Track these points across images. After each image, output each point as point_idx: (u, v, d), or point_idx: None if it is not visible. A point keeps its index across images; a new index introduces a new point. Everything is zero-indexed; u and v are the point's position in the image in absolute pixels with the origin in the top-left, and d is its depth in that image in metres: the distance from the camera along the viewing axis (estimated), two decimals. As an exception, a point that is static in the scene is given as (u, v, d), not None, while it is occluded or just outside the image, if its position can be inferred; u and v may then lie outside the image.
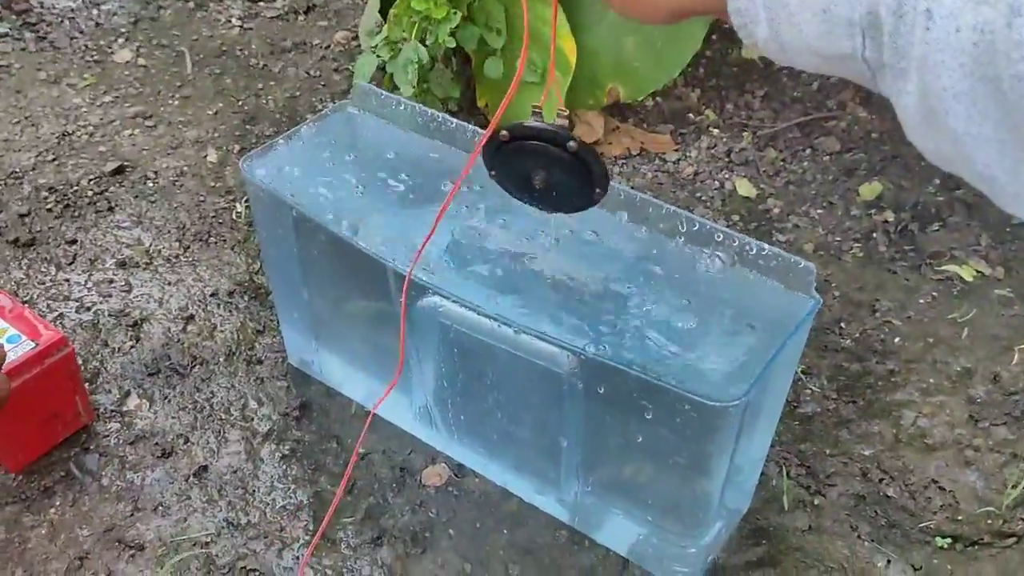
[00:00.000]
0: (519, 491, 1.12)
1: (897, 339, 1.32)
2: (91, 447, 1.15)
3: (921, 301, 1.38)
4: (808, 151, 1.66)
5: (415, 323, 1.05)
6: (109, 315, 1.32)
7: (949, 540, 1.07)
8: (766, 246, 0.95)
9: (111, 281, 1.38)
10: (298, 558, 1.05)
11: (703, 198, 1.57)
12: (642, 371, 0.88)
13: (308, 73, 1.84)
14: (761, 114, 1.74)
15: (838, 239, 1.49)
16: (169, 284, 1.38)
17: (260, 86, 1.80)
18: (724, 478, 0.93)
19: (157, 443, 1.16)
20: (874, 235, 1.50)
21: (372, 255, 0.99)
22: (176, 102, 1.76)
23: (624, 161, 1.64)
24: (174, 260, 1.42)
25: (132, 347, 1.28)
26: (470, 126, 1.10)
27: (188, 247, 1.44)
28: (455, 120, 1.11)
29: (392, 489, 1.12)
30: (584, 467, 1.04)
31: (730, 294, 0.97)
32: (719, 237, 0.97)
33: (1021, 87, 0.37)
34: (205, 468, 1.14)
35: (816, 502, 1.12)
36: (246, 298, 1.36)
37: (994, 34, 0.38)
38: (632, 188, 1.13)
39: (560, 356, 0.95)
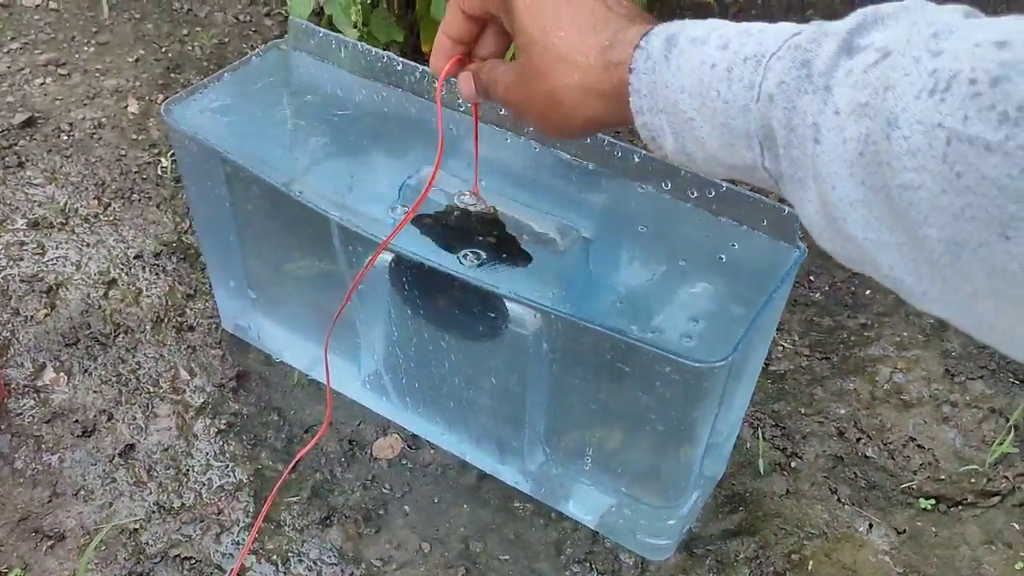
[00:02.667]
0: (479, 462, 1.04)
1: (868, 291, 1.26)
2: (2, 427, 1.04)
3: (890, 252, 1.32)
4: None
5: (362, 284, 0.96)
6: (20, 281, 1.20)
7: (932, 501, 1.02)
8: (745, 191, 0.87)
9: (22, 243, 1.25)
10: (238, 543, 0.96)
11: None
12: (617, 330, 0.80)
13: (237, 18, 1.71)
14: (719, 59, 1.66)
15: (803, 189, 1.43)
16: (88, 246, 1.26)
17: (185, 32, 1.67)
18: (705, 445, 0.86)
19: (77, 421, 1.05)
20: None
21: (314, 208, 0.89)
22: (92, 49, 1.62)
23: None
24: (93, 220, 1.30)
25: (47, 315, 1.16)
26: (419, 66, 1.00)
27: (108, 205, 1.32)
28: (402, 60, 1.01)
29: (341, 464, 1.03)
30: (549, 435, 0.96)
31: (708, 244, 0.90)
32: (693, 183, 0.89)
33: (907, 196, 0.37)
34: (132, 447, 1.03)
35: (793, 464, 1.06)
36: (174, 260, 1.25)
37: (876, 145, 0.39)
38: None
39: (524, 315, 0.87)
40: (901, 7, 0.43)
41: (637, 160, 0.91)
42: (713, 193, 0.88)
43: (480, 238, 0.87)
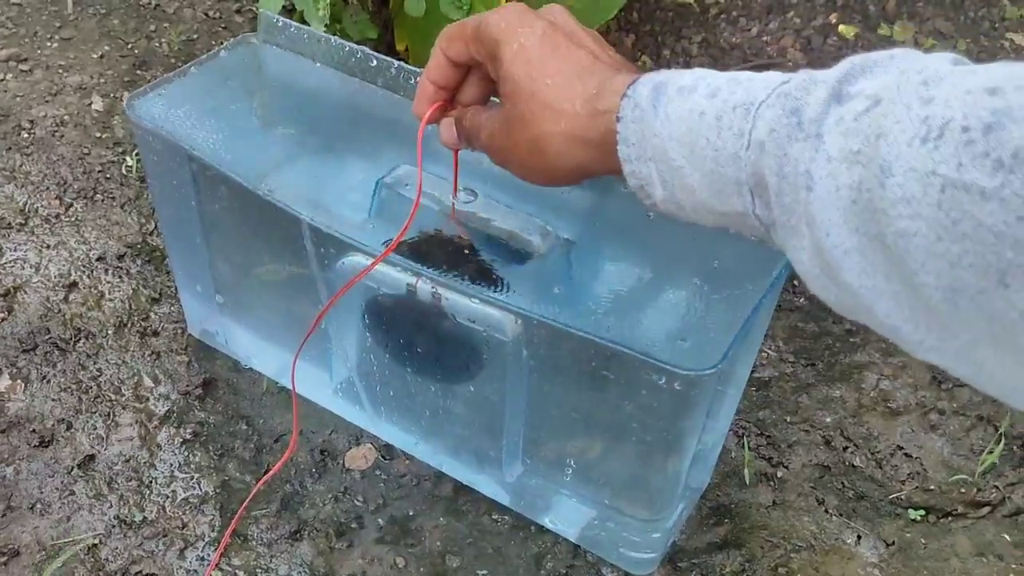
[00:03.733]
0: (456, 473, 1.00)
1: (852, 297, 1.23)
2: (-45, 437, 0.99)
3: (874, 256, 1.30)
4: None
5: (334, 287, 0.92)
6: (-24, 283, 1.15)
7: (921, 512, 1.00)
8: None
9: (-21, 245, 1.21)
10: (204, 559, 0.91)
11: None
12: (601, 336, 0.77)
13: (206, 14, 1.67)
14: (699, 60, 1.64)
15: (785, 192, 1.41)
16: (48, 247, 1.21)
17: (152, 28, 1.62)
18: (693, 455, 0.83)
19: (34, 430, 1.00)
20: None
21: (284, 207, 0.85)
22: (55, 44, 1.57)
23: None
24: (53, 220, 1.25)
25: (3, 320, 1.11)
26: (394, 62, 0.96)
27: (70, 206, 1.28)
28: (377, 55, 0.97)
29: (312, 475, 0.99)
30: (529, 445, 0.93)
31: (695, 249, 0.87)
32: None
33: (903, 243, 0.37)
34: (92, 458, 0.99)
35: (779, 474, 1.03)
36: (139, 262, 1.20)
37: (871, 192, 0.39)
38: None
39: (503, 321, 0.83)
40: (888, 55, 0.43)
41: None
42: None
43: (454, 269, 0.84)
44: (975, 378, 0.39)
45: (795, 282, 1.25)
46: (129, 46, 1.57)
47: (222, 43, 1.58)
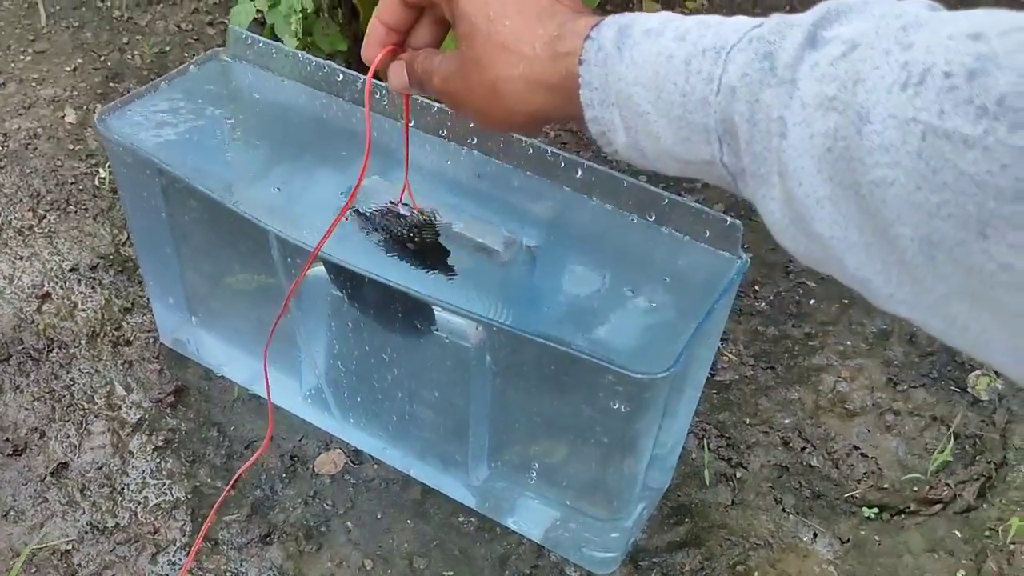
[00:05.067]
0: (423, 477, 1.02)
1: (812, 301, 1.27)
2: (-71, 446, 1.01)
3: (834, 262, 1.33)
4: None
5: (302, 296, 0.94)
6: (-50, 295, 1.17)
7: (876, 510, 1.03)
8: (687, 200, 0.87)
9: (-48, 256, 1.22)
10: (175, 563, 0.93)
11: (608, 159, 1.49)
12: (558, 342, 0.79)
13: (179, 27, 1.68)
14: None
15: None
16: (21, 259, 1.23)
17: (125, 40, 1.64)
18: (649, 456, 0.85)
19: (8, 439, 1.02)
20: None
21: (251, 219, 0.87)
22: (28, 57, 1.58)
23: (525, 120, 1.54)
24: (27, 232, 1.27)
25: (-23, 330, 1.13)
26: (360, 76, 0.98)
27: (43, 217, 1.29)
28: (343, 70, 0.99)
29: (282, 480, 1.01)
30: (493, 449, 0.95)
31: (649, 254, 0.89)
32: (633, 191, 0.88)
33: (879, 192, 0.36)
34: (65, 465, 1.00)
35: (738, 475, 1.06)
36: (111, 273, 1.22)
37: (847, 140, 0.37)
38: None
39: (466, 328, 0.86)
40: (863, 0, 0.41)
41: (580, 174, 0.91)
42: (657, 205, 0.87)
43: (412, 243, 0.86)
44: (946, 332, 0.38)
45: (756, 287, 1.28)
46: (102, 59, 1.59)
47: (194, 55, 1.60)
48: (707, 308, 0.81)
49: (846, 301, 1.27)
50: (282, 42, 1.37)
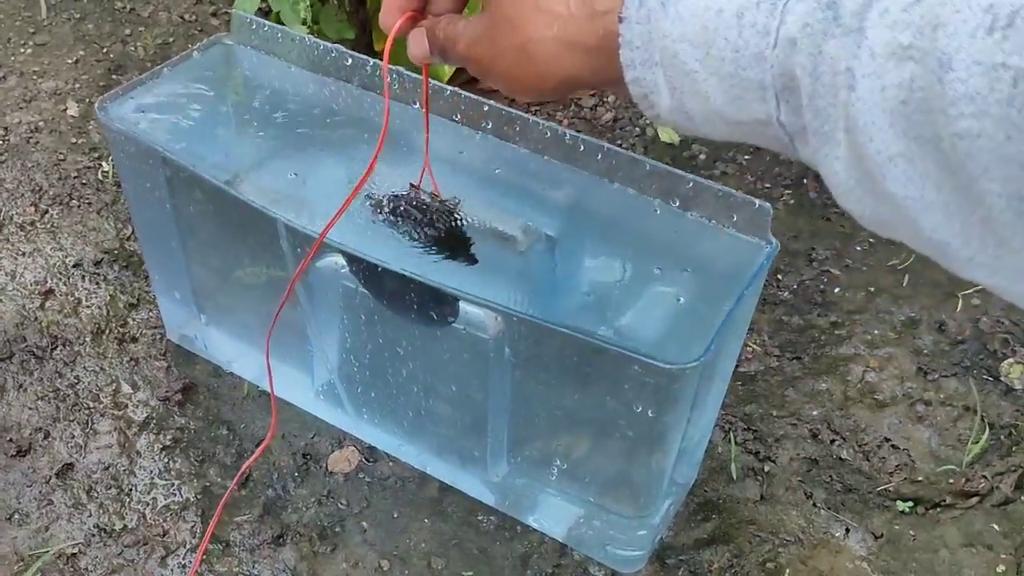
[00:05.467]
0: (440, 474, 0.99)
1: (837, 289, 1.23)
2: (-70, 448, 0.98)
3: (858, 248, 1.30)
4: (731, 94, 1.56)
5: (313, 288, 0.91)
6: (-49, 292, 1.14)
7: (910, 504, 0.99)
8: (713, 184, 0.84)
9: (-47, 253, 1.19)
10: (185, 566, 0.90)
11: (624, 146, 1.45)
12: (584, 332, 0.75)
13: (182, 17, 1.65)
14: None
15: (768, 186, 1.40)
16: (23, 255, 1.19)
17: (127, 32, 1.60)
18: (677, 450, 0.82)
19: (11, 440, 0.99)
20: (804, 181, 1.41)
21: (260, 208, 0.84)
22: (29, 50, 1.55)
23: (537, 108, 1.51)
24: (29, 227, 1.24)
25: (-21, 328, 1.10)
26: (370, 60, 0.95)
27: (46, 212, 1.26)
28: (352, 54, 0.96)
29: (294, 479, 0.98)
30: (513, 444, 0.92)
31: (674, 240, 0.86)
32: (656, 175, 0.85)
33: (963, 145, 0.34)
34: (70, 466, 0.97)
35: (766, 469, 1.02)
36: (116, 268, 1.19)
37: (924, 91, 0.35)
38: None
39: (485, 318, 0.82)
40: None
41: (600, 157, 0.87)
42: (681, 189, 0.84)
43: (431, 228, 0.82)
44: None
45: (779, 276, 1.24)
46: (104, 50, 1.56)
47: (198, 46, 1.57)
48: (737, 294, 0.78)
49: (872, 289, 1.23)
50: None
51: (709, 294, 0.82)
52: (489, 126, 0.92)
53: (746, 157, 1.45)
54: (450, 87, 0.91)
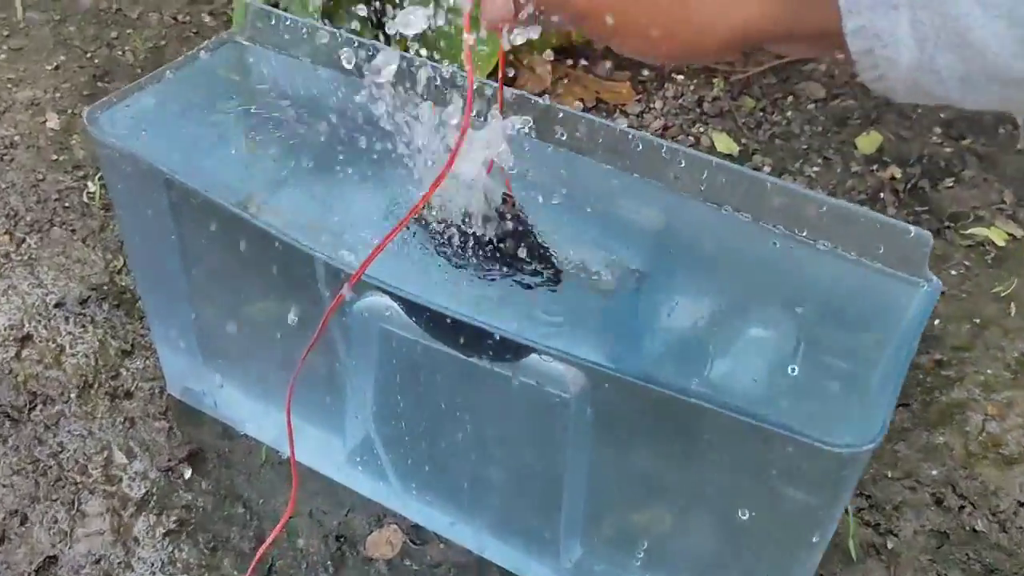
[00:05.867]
0: (501, 559, 0.86)
1: (937, 321, 1.09)
2: None
3: (953, 272, 1.16)
4: (790, 99, 1.44)
5: (348, 334, 0.79)
6: (-91, 339, 1.01)
7: (1066, 586, 0.84)
8: (854, 207, 0.70)
9: (-87, 291, 1.07)
10: None
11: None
12: (707, 399, 0.61)
13: (175, 18, 1.56)
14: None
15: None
16: (-5, 292, 1.08)
17: (114, 35, 1.51)
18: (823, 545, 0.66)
19: (-20, 525, 0.83)
20: (881, 195, 1.28)
21: (282, 239, 0.71)
22: (3, 55, 1.46)
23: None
24: (2, 260, 1.12)
25: (-59, 384, 0.95)
26: (418, 59, 0.80)
27: (22, 241, 1.14)
28: (380, 44, 0.84)
29: (325, 568, 0.83)
30: (591, 524, 0.79)
31: (794, 275, 0.74)
32: (777, 195, 0.72)
33: None
34: (53, 559, 0.84)
35: (889, 545, 0.87)
36: (105, 307, 1.07)
37: None
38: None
39: (564, 375, 0.69)
40: None
41: (706, 175, 0.74)
42: (809, 213, 0.70)
43: (499, 252, 0.71)
44: None
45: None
46: (88, 55, 1.47)
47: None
48: (903, 352, 0.63)
49: (977, 321, 1.09)
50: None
51: (852, 350, 0.68)
52: (563, 136, 0.79)
53: (815, 169, 1.32)
54: (514, 90, 0.77)
